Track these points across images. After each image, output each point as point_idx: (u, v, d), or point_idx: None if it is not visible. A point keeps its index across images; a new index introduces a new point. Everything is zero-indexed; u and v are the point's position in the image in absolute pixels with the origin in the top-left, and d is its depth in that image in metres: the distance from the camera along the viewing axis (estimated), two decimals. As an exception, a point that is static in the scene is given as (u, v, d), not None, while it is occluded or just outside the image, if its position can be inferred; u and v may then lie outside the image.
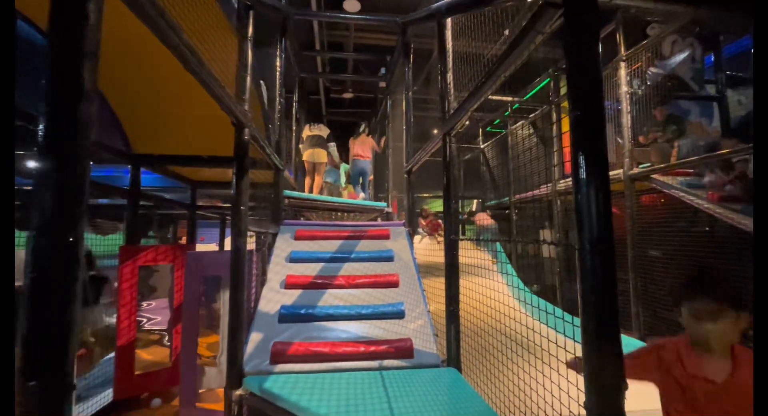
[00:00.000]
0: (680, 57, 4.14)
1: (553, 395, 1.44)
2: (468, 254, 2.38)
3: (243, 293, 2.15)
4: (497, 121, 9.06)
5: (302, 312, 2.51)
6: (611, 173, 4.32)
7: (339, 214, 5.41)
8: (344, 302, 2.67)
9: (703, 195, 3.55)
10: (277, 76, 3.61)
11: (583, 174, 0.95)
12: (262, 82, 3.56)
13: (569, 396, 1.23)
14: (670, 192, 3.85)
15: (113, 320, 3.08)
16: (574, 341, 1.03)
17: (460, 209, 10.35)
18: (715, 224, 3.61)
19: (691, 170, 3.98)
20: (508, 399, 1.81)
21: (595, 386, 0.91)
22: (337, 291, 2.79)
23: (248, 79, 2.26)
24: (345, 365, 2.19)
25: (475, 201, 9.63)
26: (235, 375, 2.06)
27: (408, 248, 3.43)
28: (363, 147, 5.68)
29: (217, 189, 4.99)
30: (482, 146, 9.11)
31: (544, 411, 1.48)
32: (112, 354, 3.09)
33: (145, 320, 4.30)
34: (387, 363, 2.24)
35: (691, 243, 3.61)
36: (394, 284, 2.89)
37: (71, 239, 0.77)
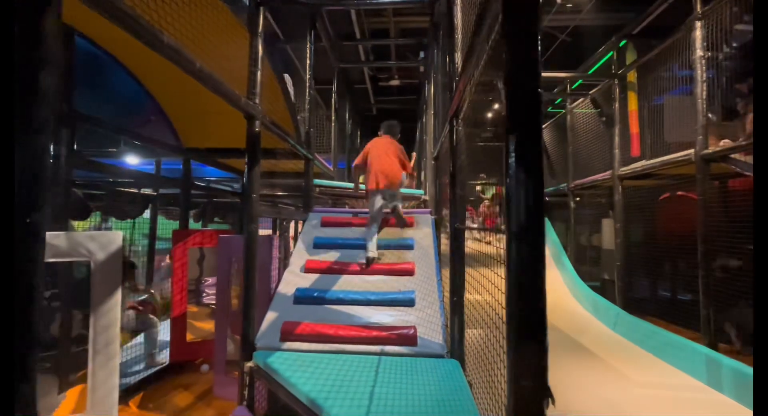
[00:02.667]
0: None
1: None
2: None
3: (255, 275, 2.33)
4: (559, 100, 8.28)
5: (315, 294, 2.64)
6: (683, 153, 3.77)
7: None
8: (357, 288, 2.73)
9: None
10: (307, 69, 3.74)
11: (513, 149, 0.87)
12: (287, 75, 3.71)
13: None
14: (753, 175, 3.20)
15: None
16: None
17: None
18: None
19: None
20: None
21: (516, 388, 0.84)
22: (352, 277, 2.87)
23: (258, 74, 2.38)
24: (348, 347, 2.26)
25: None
26: (247, 349, 2.26)
27: (431, 237, 3.37)
28: None
29: (263, 178, 5.39)
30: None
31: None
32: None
33: (204, 294, 4.87)
34: (389, 349, 2.26)
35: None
36: (409, 273, 2.87)
37: (29, 221, 0.92)
